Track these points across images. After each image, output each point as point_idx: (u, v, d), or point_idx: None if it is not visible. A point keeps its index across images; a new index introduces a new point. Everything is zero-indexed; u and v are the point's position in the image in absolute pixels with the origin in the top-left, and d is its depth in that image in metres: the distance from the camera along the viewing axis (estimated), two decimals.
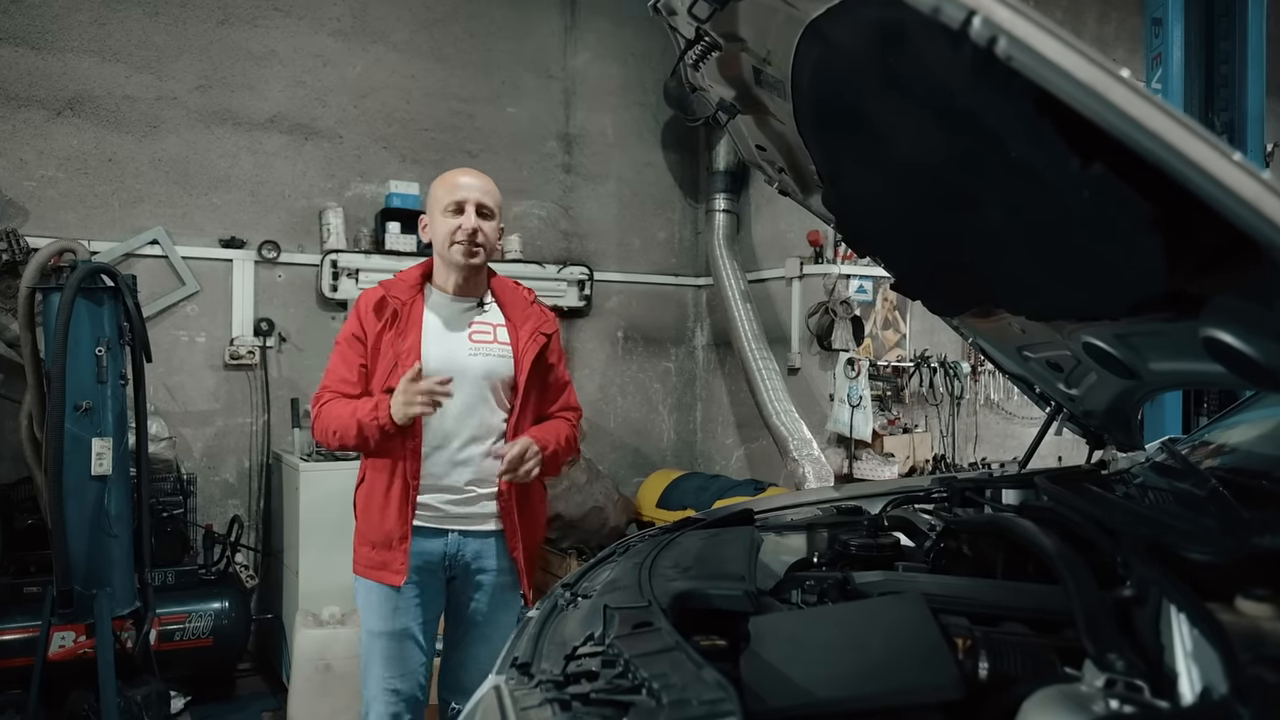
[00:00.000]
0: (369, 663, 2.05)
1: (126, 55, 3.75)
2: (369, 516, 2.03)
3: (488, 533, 2.04)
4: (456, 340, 2.03)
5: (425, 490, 2.00)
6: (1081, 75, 0.65)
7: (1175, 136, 0.63)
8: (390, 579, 1.99)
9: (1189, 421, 3.02)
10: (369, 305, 2.04)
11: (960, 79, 0.91)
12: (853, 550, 1.51)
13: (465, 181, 2.03)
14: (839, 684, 0.94)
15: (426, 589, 2.04)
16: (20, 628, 3.04)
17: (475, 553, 2.03)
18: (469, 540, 2.03)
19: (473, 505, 2.03)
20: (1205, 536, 1.13)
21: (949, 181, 1.27)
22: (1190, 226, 0.84)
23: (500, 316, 2.09)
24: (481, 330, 2.06)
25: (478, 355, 2.03)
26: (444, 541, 2.02)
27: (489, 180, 2.07)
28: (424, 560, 2.01)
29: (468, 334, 2.04)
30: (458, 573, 2.05)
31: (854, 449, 4.10)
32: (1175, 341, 1.21)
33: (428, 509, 2.01)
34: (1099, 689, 0.84)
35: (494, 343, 2.05)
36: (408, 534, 1.98)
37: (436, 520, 2.01)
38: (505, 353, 2.05)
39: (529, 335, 2.06)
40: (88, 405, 2.85)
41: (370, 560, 2.02)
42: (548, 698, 0.94)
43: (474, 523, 2.03)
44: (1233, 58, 2.88)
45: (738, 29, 1.33)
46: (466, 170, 2.08)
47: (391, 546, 1.98)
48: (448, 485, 2.01)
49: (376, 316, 2.02)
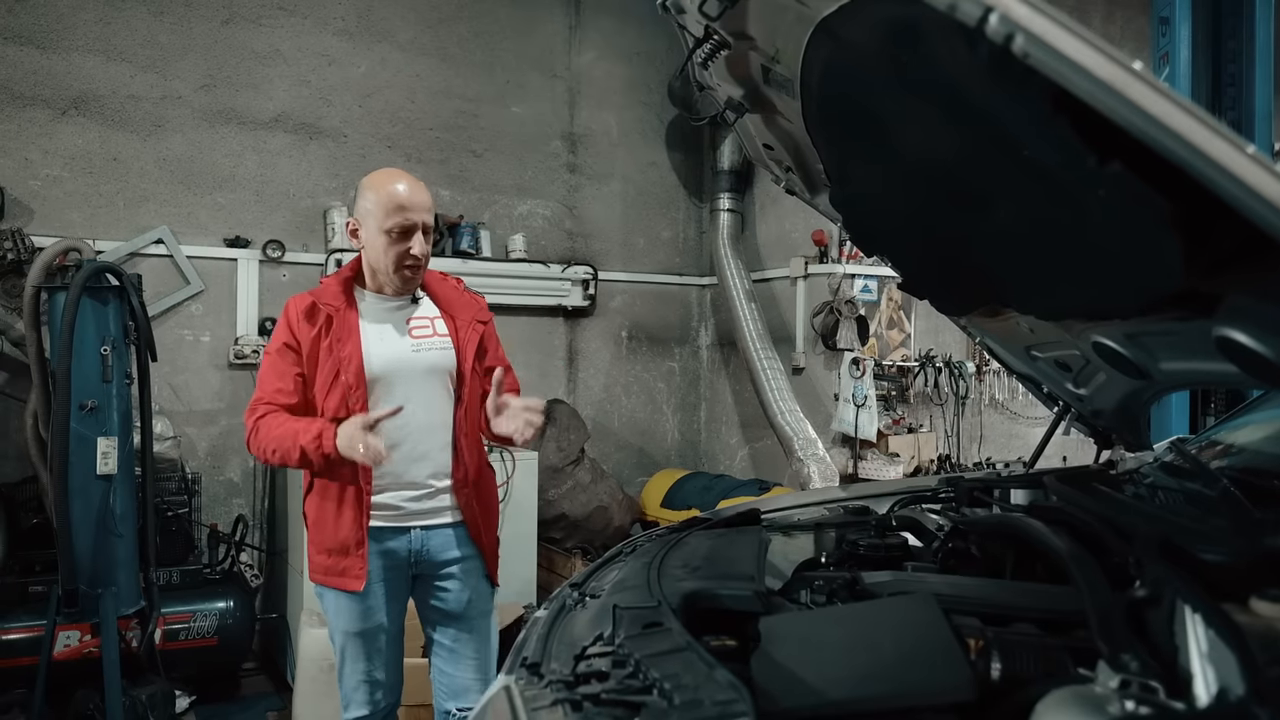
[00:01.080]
0: (345, 660, 2.05)
1: (131, 54, 3.75)
2: (322, 525, 2.00)
3: (448, 524, 2.04)
4: (398, 339, 2.01)
5: (385, 490, 1.98)
6: (1101, 72, 0.65)
7: (1196, 134, 0.63)
8: (350, 585, 1.97)
9: (1196, 421, 3.01)
10: (299, 313, 1.98)
11: (974, 77, 0.90)
12: (861, 550, 1.50)
13: (414, 201, 1.93)
14: (850, 684, 0.94)
15: (393, 585, 2.04)
16: (25, 627, 3.04)
17: (439, 546, 2.03)
18: (432, 534, 2.02)
19: (432, 499, 2.02)
20: (1217, 537, 1.12)
21: (959, 180, 1.27)
22: (1206, 224, 0.83)
23: (434, 309, 2.07)
24: (420, 325, 2.04)
25: (421, 350, 2.02)
26: (408, 539, 2.01)
27: (425, 189, 1.99)
28: (389, 560, 2.01)
29: (407, 331, 2.03)
30: (423, 569, 2.04)
31: (859, 449, 4.10)
32: (1187, 341, 1.20)
33: (388, 508, 1.99)
34: (1114, 690, 0.83)
35: (434, 335, 2.04)
36: (364, 539, 1.96)
37: (398, 519, 2.00)
38: (446, 344, 2.04)
39: (467, 324, 2.05)
40: (93, 404, 2.85)
41: (327, 568, 2.00)
42: (559, 698, 0.93)
43: (434, 517, 2.03)
44: (1240, 56, 2.87)
45: (747, 27, 1.32)
46: (404, 177, 1.97)
47: (348, 553, 1.96)
48: (408, 481, 2.00)
49: (309, 323, 1.97)
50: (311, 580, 2.05)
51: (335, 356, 1.95)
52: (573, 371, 4.77)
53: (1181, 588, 0.94)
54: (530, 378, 4.44)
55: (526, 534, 3.74)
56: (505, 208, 4.57)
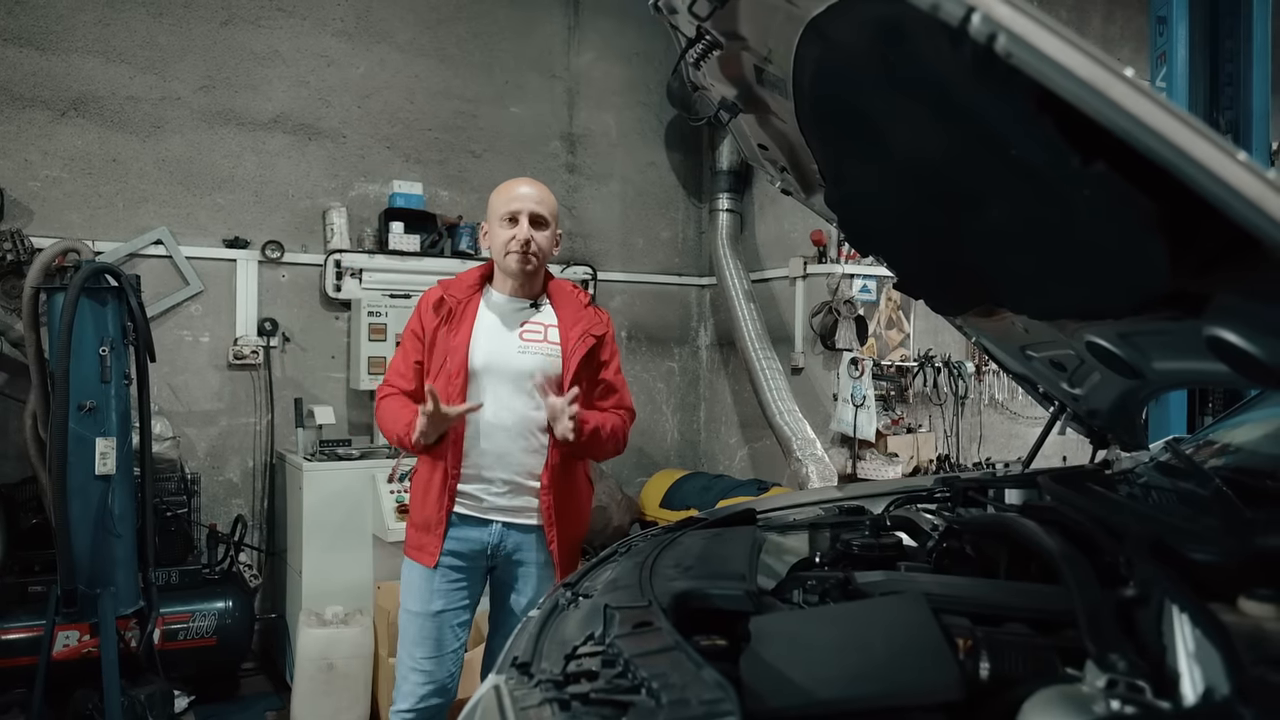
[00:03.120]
0: (404, 641, 2.12)
1: (130, 56, 3.76)
2: (415, 499, 2.16)
3: (529, 526, 2.11)
4: (507, 337, 2.11)
5: (469, 480, 2.08)
6: (1082, 72, 0.65)
7: (1177, 134, 0.63)
8: (425, 560, 2.09)
9: (1194, 421, 3.01)
10: (429, 303, 2.15)
11: (960, 77, 0.90)
12: (855, 550, 1.50)
13: (521, 192, 2.11)
14: (839, 684, 0.94)
15: (467, 575, 2.11)
16: (25, 627, 3.04)
17: (517, 544, 2.11)
18: (511, 532, 2.10)
19: (515, 498, 2.09)
20: (1208, 536, 1.12)
21: (950, 180, 1.27)
22: (1193, 224, 0.83)
23: (553, 317, 2.16)
24: (533, 329, 2.13)
25: (526, 353, 2.10)
26: (488, 531, 2.09)
27: (545, 189, 2.14)
28: (467, 547, 2.09)
29: (519, 332, 2.12)
30: (499, 562, 2.13)
31: (858, 449, 4.10)
32: (1179, 340, 1.20)
33: (472, 499, 2.09)
34: (1100, 689, 0.83)
35: (544, 341, 2.12)
36: (444, 519, 2.07)
37: (481, 510, 2.09)
38: (554, 351, 2.11)
39: (578, 336, 2.12)
40: (92, 405, 2.86)
41: (413, 540, 2.14)
42: (547, 697, 0.93)
43: (517, 515, 2.10)
44: (1238, 56, 2.86)
45: (738, 27, 1.32)
46: (524, 180, 2.16)
47: (430, 530, 2.09)
48: (490, 477, 2.08)
49: (435, 314, 2.12)
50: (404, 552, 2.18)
51: (445, 345, 2.09)
52: None
53: (1170, 587, 0.94)
54: None
55: None
56: None
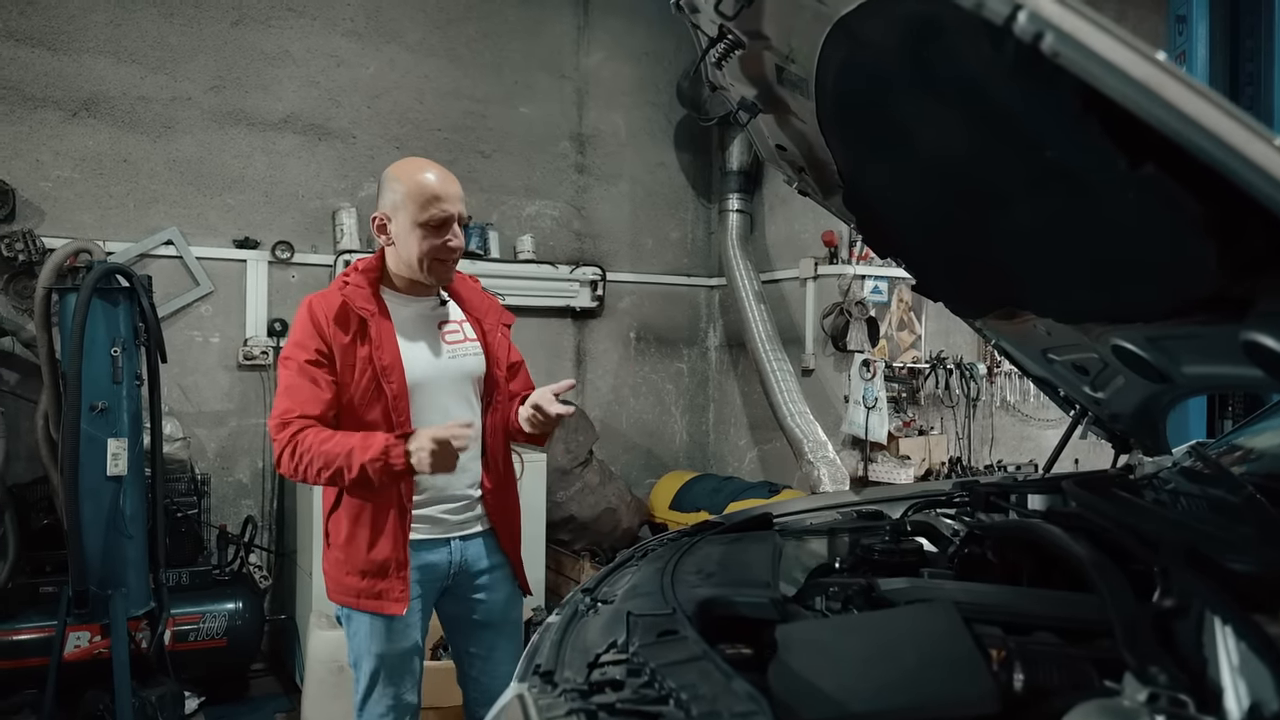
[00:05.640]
0: (376, 685, 1.89)
1: (141, 56, 3.75)
2: (354, 544, 1.85)
3: (479, 534, 1.99)
4: (432, 345, 1.91)
5: (426, 504, 1.91)
6: (1135, 72, 0.63)
7: (1234, 135, 0.61)
8: (390, 608, 1.83)
9: (1213, 425, 2.98)
10: (328, 317, 1.81)
11: (999, 76, 0.88)
12: (875, 556, 1.48)
13: (448, 190, 1.82)
14: (870, 695, 0.92)
15: (427, 601, 1.95)
16: (36, 627, 3.04)
17: (474, 556, 1.98)
18: (467, 545, 1.97)
19: (469, 510, 1.97)
20: (1244, 545, 1.10)
21: (977, 181, 1.25)
22: (1238, 227, 0.81)
23: (460, 312, 1.98)
24: (451, 330, 1.95)
25: (456, 356, 1.93)
26: (447, 551, 1.94)
27: (454, 177, 1.87)
28: (429, 574, 1.93)
29: (440, 336, 1.93)
30: (459, 580, 1.97)
31: (869, 451, 4.07)
32: (1211, 344, 1.18)
33: (429, 521, 1.92)
34: (1142, 704, 0.81)
35: (465, 341, 1.96)
36: (406, 559, 1.84)
37: (440, 531, 1.93)
38: (477, 349, 1.96)
39: (494, 327, 1.97)
40: (103, 406, 2.86)
41: (360, 590, 1.85)
42: (573, 707, 0.92)
43: (469, 526, 1.98)
44: (1259, 55, 2.83)
45: (762, 26, 1.31)
46: (433, 166, 1.85)
47: (387, 574, 1.83)
48: (450, 494, 1.93)
49: (341, 329, 1.81)
50: (335, 601, 1.90)
51: (376, 366, 1.81)
52: (581, 373, 4.76)
53: (1210, 598, 0.92)
54: (538, 379, 4.37)
55: (535, 536, 3.72)
56: (513, 208, 4.56)
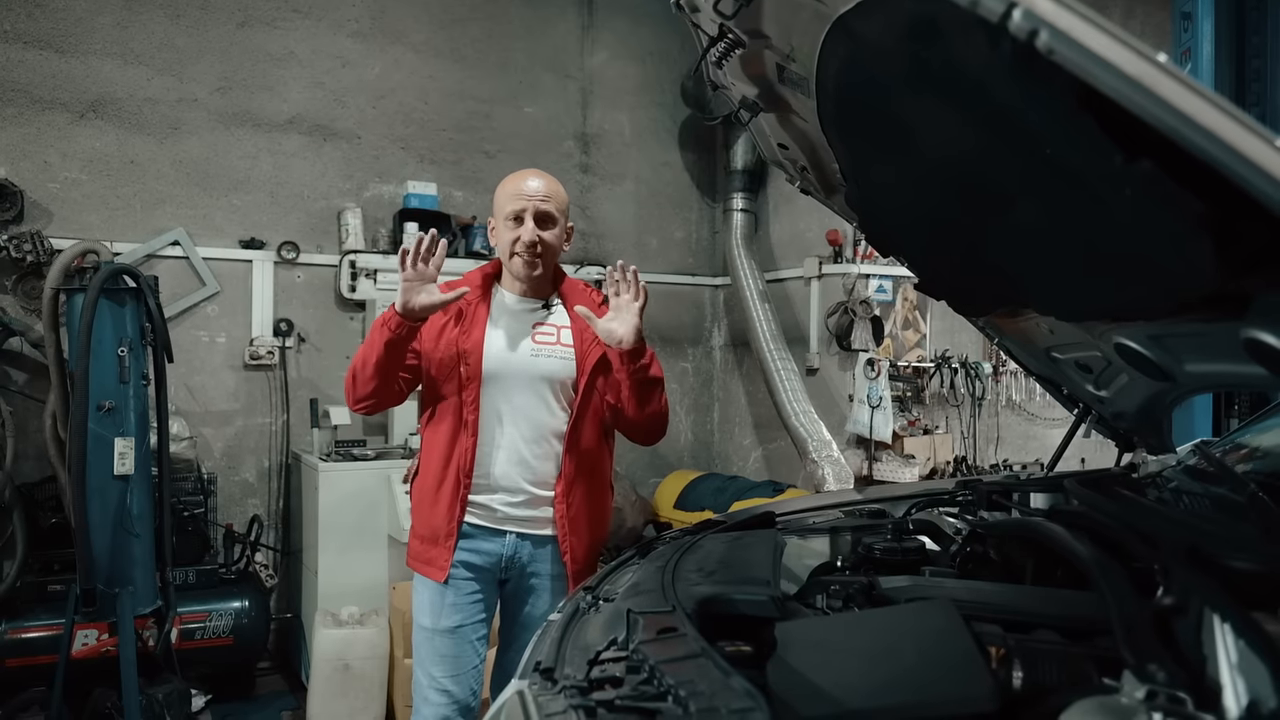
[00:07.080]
0: (420, 660, 2.00)
1: (148, 58, 3.77)
2: (420, 510, 2.02)
3: (544, 537, 1.99)
4: (519, 340, 1.99)
5: (482, 490, 1.96)
6: (1129, 69, 0.63)
7: (1229, 132, 0.61)
8: (433, 574, 1.97)
9: (1219, 423, 2.97)
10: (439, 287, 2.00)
11: (996, 74, 0.88)
12: (877, 554, 1.48)
13: (527, 188, 1.96)
14: (869, 693, 0.92)
15: (481, 588, 1.99)
16: (44, 626, 3.07)
17: (531, 556, 1.99)
18: (525, 543, 1.98)
19: (532, 508, 1.97)
20: (1246, 544, 1.10)
21: (979, 179, 1.25)
22: (1238, 223, 0.81)
23: (566, 318, 2.03)
24: (545, 332, 2.01)
25: (540, 356, 1.99)
26: (502, 543, 1.97)
27: (553, 182, 2.00)
28: (480, 559, 1.97)
29: (531, 335, 2.00)
30: (512, 575, 2.01)
31: (874, 450, 4.07)
32: (1213, 342, 1.18)
33: (485, 509, 1.97)
34: (1139, 701, 0.81)
35: (557, 344, 2.00)
36: (454, 532, 1.95)
37: (495, 521, 1.97)
38: (568, 355, 1.99)
39: (593, 338, 1.96)
40: (110, 405, 2.87)
41: (417, 554, 2.01)
42: (572, 704, 0.92)
43: (532, 526, 1.98)
44: (1264, 52, 2.82)
45: (762, 25, 1.31)
46: (531, 172, 2.01)
47: (437, 543, 1.96)
48: (506, 486, 1.96)
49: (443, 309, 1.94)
50: (407, 564, 2.06)
51: (459, 347, 1.95)
52: None
53: (1210, 596, 0.92)
54: None
55: None
56: None
